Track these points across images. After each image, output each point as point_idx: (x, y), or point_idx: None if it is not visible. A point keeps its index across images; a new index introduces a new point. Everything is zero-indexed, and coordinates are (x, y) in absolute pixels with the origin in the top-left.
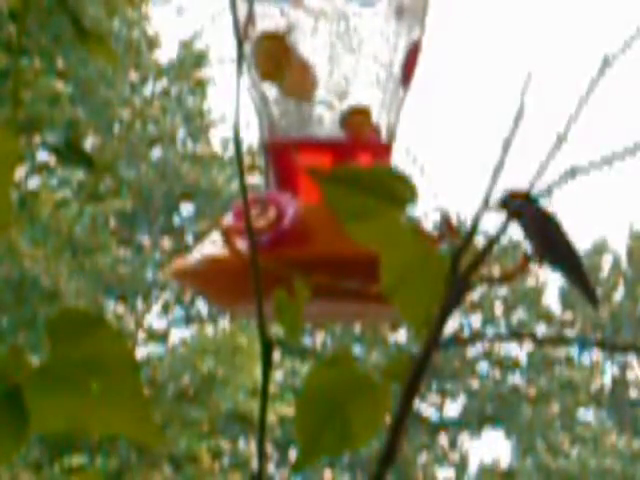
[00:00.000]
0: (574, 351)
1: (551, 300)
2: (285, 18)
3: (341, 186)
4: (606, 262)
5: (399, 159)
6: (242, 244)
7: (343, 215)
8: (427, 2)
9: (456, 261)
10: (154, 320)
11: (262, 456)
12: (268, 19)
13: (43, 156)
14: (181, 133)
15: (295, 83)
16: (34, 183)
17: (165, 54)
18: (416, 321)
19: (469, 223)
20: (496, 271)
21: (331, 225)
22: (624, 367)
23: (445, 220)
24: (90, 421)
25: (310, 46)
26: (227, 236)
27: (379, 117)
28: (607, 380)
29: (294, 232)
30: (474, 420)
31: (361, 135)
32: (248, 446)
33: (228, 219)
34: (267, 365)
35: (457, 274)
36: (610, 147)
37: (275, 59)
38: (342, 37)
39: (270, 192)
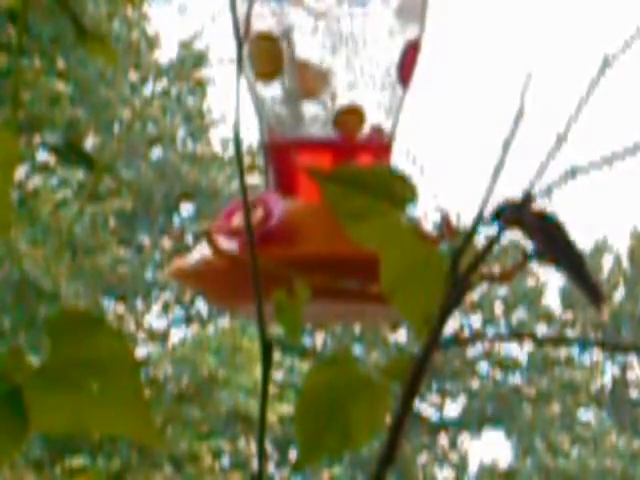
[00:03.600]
0: (574, 351)
1: (551, 300)
2: (283, 18)
3: (341, 186)
4: (607, 262)
5: (399, 159)
6: (229, 244)
7: (343, 215)
8: (425, 1)
9: (456, 261)
10: (154, 320)
11: (262, 456)
12: (265, 19)
13: (43, 156)
14: (181, 133)
15: (306, 82)
16: (34, 183)
17: (165, 54)
18: (416, 321)
19: (469, 223)
20: (496, 270)
21: (324, 225)
22: (624, 367)
23: (445, 220)
24: (90, 421)
25: (308, 46)
26: (209, 236)
27: (377, 117)
28: (607, 380)
29: (282, 231)
30: (474, 420)
31: (353, 135)
32: (248, 446)
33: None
34: (267, 365)
35: (457, 274)
36: (610, 147)
37: (269, 60)
38: (336, 37)
39: (259, 194)
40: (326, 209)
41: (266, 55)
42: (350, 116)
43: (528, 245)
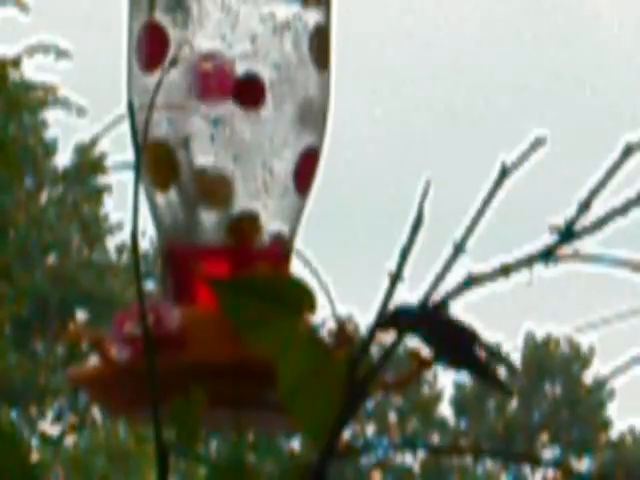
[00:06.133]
0: (468, 461)
1: (445, 409)
2: (180, 126)
3: (237, 294)
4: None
5: (299, 267)
6: (120, 352)
7: (240, 323)
8: (326, 109)
9: (353, 370)
10: (47, 426)
11: None
12: (162, 127)
13: None
14: (76, 240)
15: (204, 189)
16: None
17: (62, 159)
18: (312, 430)
19: (366, 331)
20: (390, 379)
21: (220, 332)
22: (518, 477)
23: (341, 328)
24: None
25: (206, 153)
26: (99, 345)
27: (275, 225)
28: None
29: (173, 339)
30: None
31: (249, 242)
32: None
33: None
34: (163, 472)
35: (354, 383)
36: (506, 256)
37: (164, 168)
38: (234, 144)
39: (151, 301)
40: (223, 316)
41: (161, 164)
42: (246, 224)
43: (424, 352)
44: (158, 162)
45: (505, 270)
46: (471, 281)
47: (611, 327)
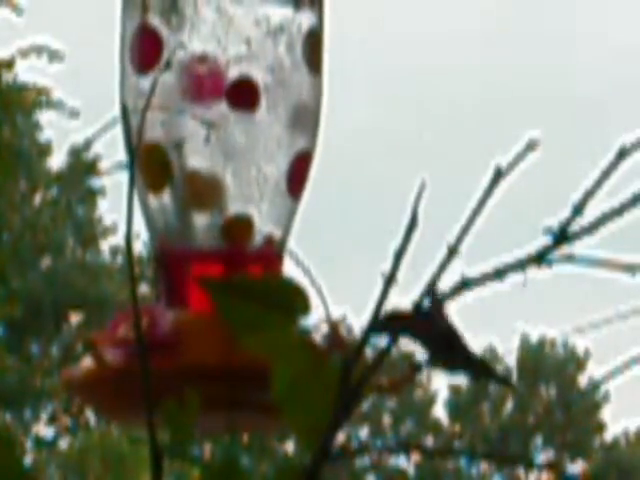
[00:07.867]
0: (462, 463)
1: (439, 412)
2: (174, 128)
3: (232, 296)
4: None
5: (291, 269)
6: (114, 355)
7: (234, 325)
8: (318, 113)
9: (347, 372)
10: (42, 428)
11: None
12: (156, 129)
13: None
14: (70, 242)
15: (197, 192)
16: None
17: (56, 162)
18: (305, 433)
19: (359, 334)
20: (384, 381)
21: (214, 335)
22: (512, 479)
23: (334, 331)
24: None
25: (199, 156)
26: (93, 347)
27: (268, 228)
28: None
29: (167, 342)
30: None
31: (243, 245)
32: None
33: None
34: (158, 475)
35: (348, 386)
36: (499, 259)
37: (158, 171)
38: (227, 147)
39: (144, 306)
40: (217, 319)
41: (155, 166)
42: (240, 226)
43: (418, 355)
44: (151, 164)
45: (500, 272)
46: (466, 283)
47: (607, 329)
